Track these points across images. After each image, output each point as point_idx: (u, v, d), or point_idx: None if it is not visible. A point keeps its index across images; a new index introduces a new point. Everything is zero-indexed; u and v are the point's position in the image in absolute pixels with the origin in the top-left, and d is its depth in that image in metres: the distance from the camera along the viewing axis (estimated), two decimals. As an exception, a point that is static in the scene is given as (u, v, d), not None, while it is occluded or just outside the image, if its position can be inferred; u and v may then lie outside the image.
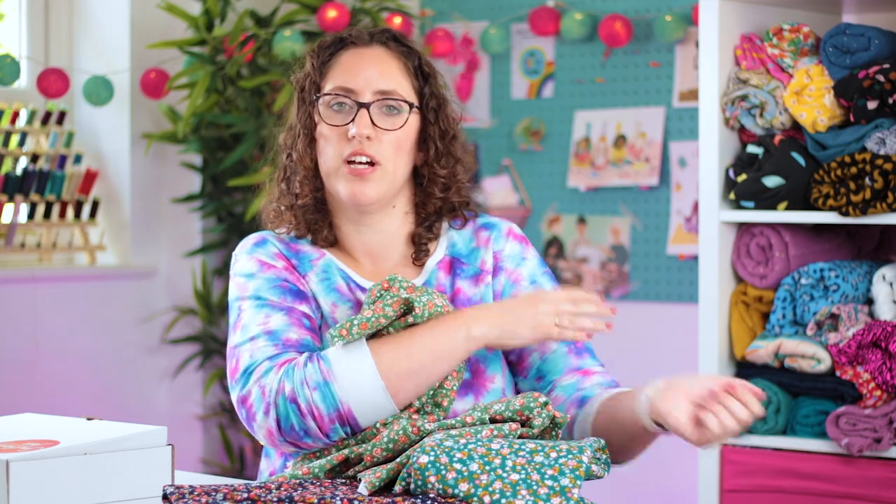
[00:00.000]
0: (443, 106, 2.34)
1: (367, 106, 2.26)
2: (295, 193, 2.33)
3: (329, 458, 2.07)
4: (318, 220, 2.34)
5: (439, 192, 2.34)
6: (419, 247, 2.34)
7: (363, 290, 2.30)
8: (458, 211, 2.37)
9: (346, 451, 2.07)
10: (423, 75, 2.32)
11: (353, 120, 2.26)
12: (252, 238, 2.36)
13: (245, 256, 2.33)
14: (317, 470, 2.05)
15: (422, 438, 2.01)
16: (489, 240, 2.37)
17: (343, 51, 2.32)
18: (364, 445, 2.05)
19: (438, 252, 2.35)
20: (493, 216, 2.42)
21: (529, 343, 2.22)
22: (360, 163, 2.26)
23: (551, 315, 2.19)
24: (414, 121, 2.30)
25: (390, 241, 2.34)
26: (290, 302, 2.25)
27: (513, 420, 2.04)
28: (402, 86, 2.29)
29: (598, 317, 2.24)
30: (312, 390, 2.12)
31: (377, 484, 1.91)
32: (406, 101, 2.28)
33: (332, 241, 2.35)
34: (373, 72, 2.28)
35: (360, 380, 2.12)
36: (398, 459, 1.94)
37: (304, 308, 2.25)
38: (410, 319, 2.16)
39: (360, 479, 1.96)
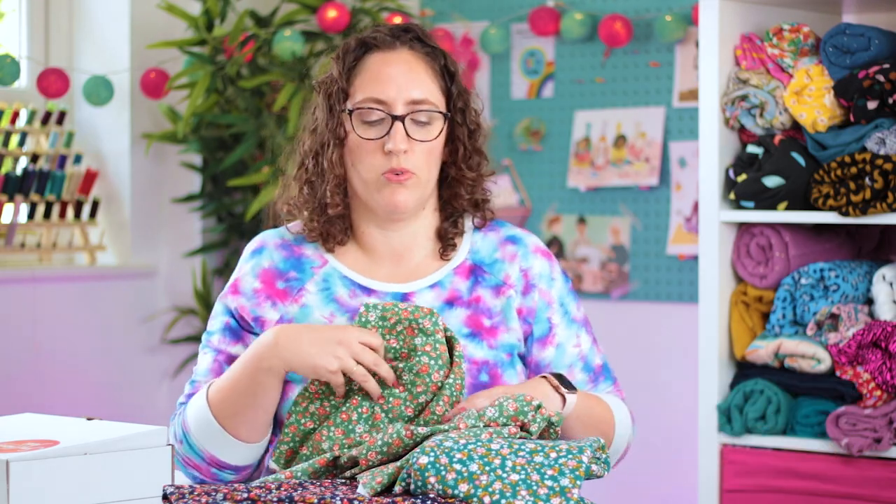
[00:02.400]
0: (468, 103, 2.31)
1: (401, 119, 2.23)
2: (324, 202, 2.30)
3: (311, 461, 2.06)
4: (337, 223, 2.32)
5: (466, 193, 2.32)
6: (446, 242, 2.32)
7: (369, 292, 2.28)
8: (481, 208, 2.36)
9: (328, 455, 2.06)
10: (449, 74, 2.30)
11: (388, 133, 2.23)
12: (254, 243, 2.36)
13: (239, 265, 2.36)
14: (299, 474, 2.05)
15: (416, 442, 2.00)
16: (515, 255, 2.34)
17: (368, 55, 2.29)
18: (357, 448, 2.04)
19: (459, 255, 2.33)
20: (516, 228, 2.40)
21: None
22: (398, 173, 2.24)
23: (344, 359, 2.12)
24: (445, 125, 2.29)
25: (416, 241, 2.32)
26: (225, 343, 2.29)
27: (507, 426, 2.04)
28: (432, 91, 2.27)
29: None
30: (180, 443, 2.21)
31: (377, 489, 1.91)
32: (439, 111, 2.26)
33: (344, 242, 2.34)
34: (402, 80, 2.25)
35: (206, 428, 2.19)
36: (398, 463, 1.94)
37: (236, 349, 2.29)
38: (418, 342, 2.18)
39: (359, 481, 1.96)
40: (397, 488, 1.90)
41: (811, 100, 3.36)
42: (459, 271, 2.31)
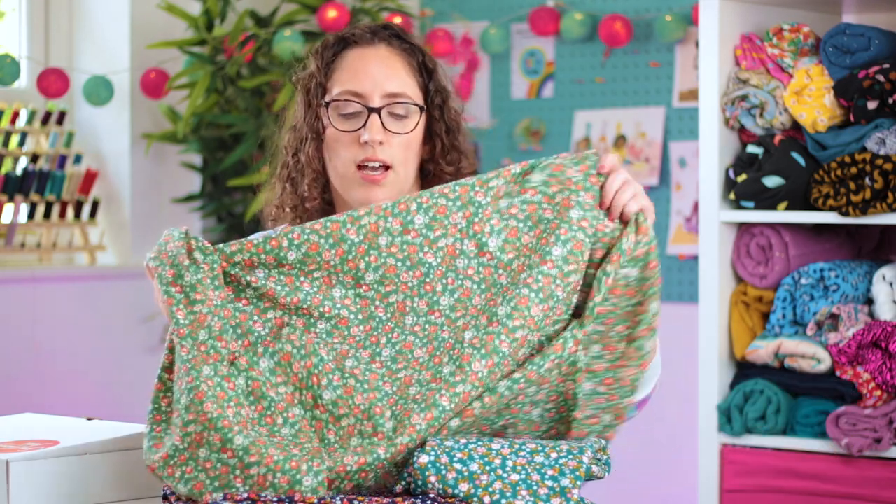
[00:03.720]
0: (446, 100, 2.32)
1: (377, 111, 2.24)
2: (303, 196, 2.31)
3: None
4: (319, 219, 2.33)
5: None
6: None
7: None
8: None
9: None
10: (426, 71, 2.31)
11: (364, 125, 2.24)
12: None
13: None
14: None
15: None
16: None
17: (347, 50, 2.30)
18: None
19: None
20: None
21: None
22: (373, 168, 2.25)
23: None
24: (422, 120, 2.30)
25: None
26: None
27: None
28: (409, 86, 2.28)
29: None
30: None
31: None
32: (415, 104, 2.27)
33: None
34: (379, 74, 2.26)
35: None
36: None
37: None
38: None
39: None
40: (398, 488, 1.90)
41: (811, 100, 3.36)
42: None
